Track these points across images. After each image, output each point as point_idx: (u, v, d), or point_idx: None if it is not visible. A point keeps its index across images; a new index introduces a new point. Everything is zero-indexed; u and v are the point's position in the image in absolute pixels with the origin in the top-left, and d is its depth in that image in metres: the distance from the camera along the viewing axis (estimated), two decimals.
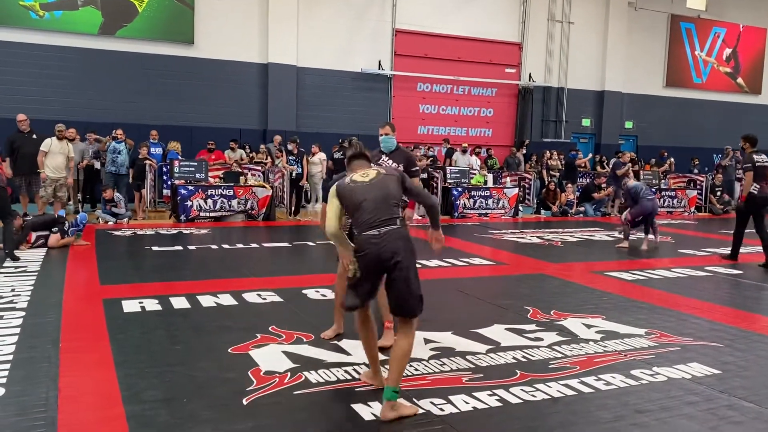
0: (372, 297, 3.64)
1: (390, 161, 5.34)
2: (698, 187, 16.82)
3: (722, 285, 7.31)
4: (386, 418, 3.32)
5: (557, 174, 16.06)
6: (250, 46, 16.15)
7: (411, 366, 4.12)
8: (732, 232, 9.10)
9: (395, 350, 3.46)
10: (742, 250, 9.18)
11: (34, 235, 8.40)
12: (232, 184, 12.20)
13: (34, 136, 11.00)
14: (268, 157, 14.19)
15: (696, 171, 17.97)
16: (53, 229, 8.46)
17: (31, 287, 6.15)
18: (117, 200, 11.22)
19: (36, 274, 6.81)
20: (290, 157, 13.21)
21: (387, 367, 3.70)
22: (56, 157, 10.63)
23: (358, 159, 3.86)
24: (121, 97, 14.96)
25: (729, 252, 8.99)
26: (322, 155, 13.74)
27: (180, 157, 12.96)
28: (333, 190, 3.68)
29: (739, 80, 22.88)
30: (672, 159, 18.38)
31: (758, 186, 8.47)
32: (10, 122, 12.27)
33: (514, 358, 4.37)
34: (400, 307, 3.51)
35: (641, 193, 9.94)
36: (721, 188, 16.91)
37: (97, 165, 12.81)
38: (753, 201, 8.51)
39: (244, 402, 3.51)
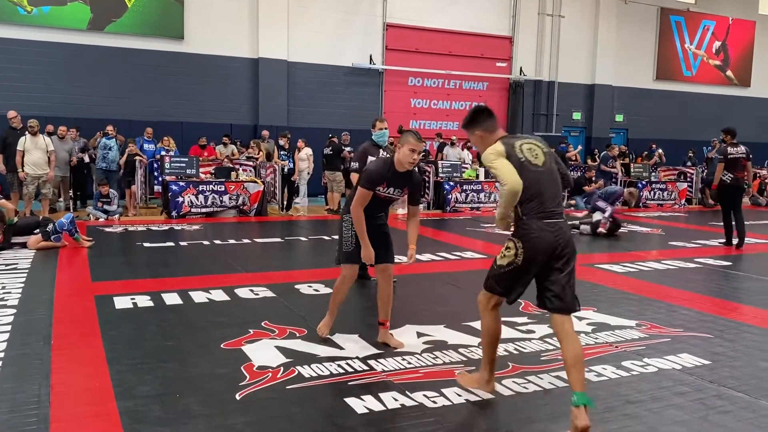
0: (523, 291, 3.41)
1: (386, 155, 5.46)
2: (689, 179, 16.92)
3: (712, 276, 7.36)
4: (587, 425, 3.02)
5: None
6: (241, 40, 16.09)
7: (404, 359, 4.15)
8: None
9: (573, 354, 3.19)
10: (733, 241, 9.39)
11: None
12: (223, 180, 12.16)
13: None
14: (260, 152, 14.13)
15: (690, 163, 18.04)
16: (34, 231, 8.22)
17: (22, 284, 6.12)
18: (112, 197, 11.18)
19: (27, 271, 6.77)
20: (282, 152, 13.19)
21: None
22: (33, 153, 10.58)
23: (492, 118, 3.50)
24: (110, 93, 14.88)
25: (724, 240, 9.47)
26: (308, 150, 13.60)
27: (171, 152, 12.91)
28: (496, 152, 3.29)
29: (729, 73, 22.99)
30: (660, 151, 18.48)
31: (731, 175, 9.11)
32: None
33: (506, 350, 4.39)
34: (560, 300, 3.26)
35: (600, 193, 10.79)
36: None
37: (87, 158, 12.71)
38: (726, 189, 9.18)
39: (237, 397, 3.51)
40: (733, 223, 9.31)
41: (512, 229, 3.39)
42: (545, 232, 3.24)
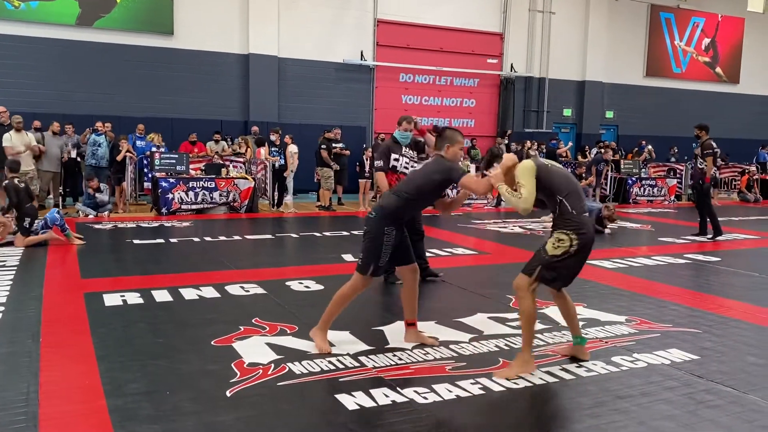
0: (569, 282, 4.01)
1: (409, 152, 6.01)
2: (678, 175, 17.02)
3: (701, 272, 7.41)
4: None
5: None
6: (231, 36, 16.00)
7: (395, 356, 4.15)
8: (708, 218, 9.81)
9: (571, 310, 4.15)
10: (720, 238, 9.50)
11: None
12: (213, 176, 12.12)
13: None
14: (248, 149, 14.07)
15: (674, 160, 18.15)
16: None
17: (11, 281, 6.08)
18: (103, 189, 11.14)
19: (15, 268, 6.73)
20: (272, 148, 13.15)
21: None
22: (19, 149, 10.50)
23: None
24: (100, 89, 14.76)
25: (712, 234, 9.67)
26: (293, 147, 13.31)
27: (161, 148, 12.85)
28: (531, 167, 3.84)
29: (718, 70, 23.10)
30: (650, 147, 18.56)
31: (715, 168, 9.78)
32: None
33: (496, 346, 4.41)
34: (573, 280, 4.06)
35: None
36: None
37: (74, 153, 12.62)
38: (712, 182, 9.84)
39: (228, 394, 3.50)
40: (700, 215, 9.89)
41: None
42: (589, 226, 3.92)
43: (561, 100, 20.35)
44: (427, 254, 7.93)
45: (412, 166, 6.01)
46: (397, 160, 6.09)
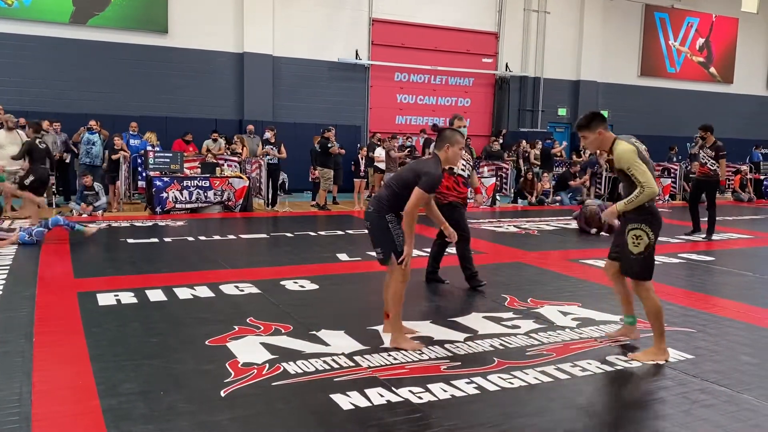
0: None
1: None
2: (672, 175, 17.06)
3: (695, 271, 7.43)
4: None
5: (539, 163, 16.06)
6: (226, 35, 15.97)
7: (390, 355, 4.15)
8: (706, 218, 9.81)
9: (630, 293, 4.40)
10: (714, 237, 9.54)
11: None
12: (208, 176, 12.08)
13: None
14: (244, 148, 14.05)
15: (675, 159, 18.20)
16: None
17: (3, 281, 6.04)
18: (97, 189, 11.10)
19: (8, 267, 6.69)
20: (267, 146, 13.13)
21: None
22: (8, 149, 10.49)
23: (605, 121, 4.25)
24: (93, 87, 14.72)
25: (705, 233, 9.69)
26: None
27: (156, 147, 12.82)
28: (634, 152, 4.03)
29: (712, 70, 23.18)
30: (644, 146, 18.58)
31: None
32: None
33: (491, 345, 4.40)
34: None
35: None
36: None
37: (67, 159, 12.59)
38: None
39: (222, 394, 3.49)
40: (702, 215, 9.84)
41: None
42: (659, 214, 4.11)
43: (556, 99, 20.39)
44: (421, 253, 7.93)
45: (464, 167, 6.11)
46: None
